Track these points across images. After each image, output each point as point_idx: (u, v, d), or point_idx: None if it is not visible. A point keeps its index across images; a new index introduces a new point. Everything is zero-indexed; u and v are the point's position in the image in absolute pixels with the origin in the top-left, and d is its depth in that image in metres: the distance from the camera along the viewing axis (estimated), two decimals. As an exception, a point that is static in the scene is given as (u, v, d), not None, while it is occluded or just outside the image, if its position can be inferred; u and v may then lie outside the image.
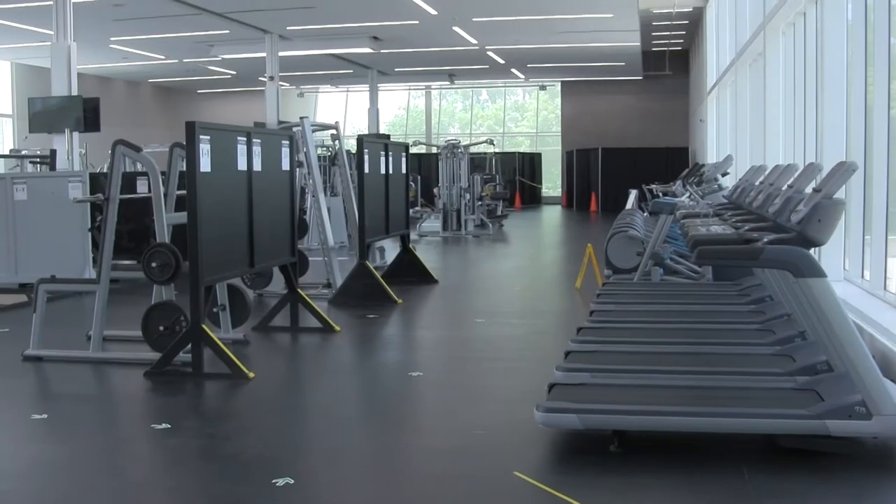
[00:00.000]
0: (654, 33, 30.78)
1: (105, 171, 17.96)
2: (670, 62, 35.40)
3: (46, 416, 7.14)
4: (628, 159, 36.30)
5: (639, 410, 5.77)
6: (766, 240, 5.90)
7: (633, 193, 19.88)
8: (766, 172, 9.00)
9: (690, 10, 27.77)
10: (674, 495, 5.20)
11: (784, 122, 13.86)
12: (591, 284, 13.00)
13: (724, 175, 16.16)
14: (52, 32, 17.61)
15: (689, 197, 14.35)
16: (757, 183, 9.05)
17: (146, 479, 5.85)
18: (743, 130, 18.63)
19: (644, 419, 5.76)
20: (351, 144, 19.30)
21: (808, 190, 6.39)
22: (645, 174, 29.28)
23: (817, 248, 7.34)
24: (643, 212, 17.60)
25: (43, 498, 5.38)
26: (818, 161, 9.45)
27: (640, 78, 38.57)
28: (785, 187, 7.30)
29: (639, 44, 30.30)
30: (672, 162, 33.90)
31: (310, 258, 13.99)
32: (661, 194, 17.93)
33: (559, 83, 42.55)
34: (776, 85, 14.19)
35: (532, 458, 5.79)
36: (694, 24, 30.32)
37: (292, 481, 5.39)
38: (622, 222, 14.27)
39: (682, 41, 34.39)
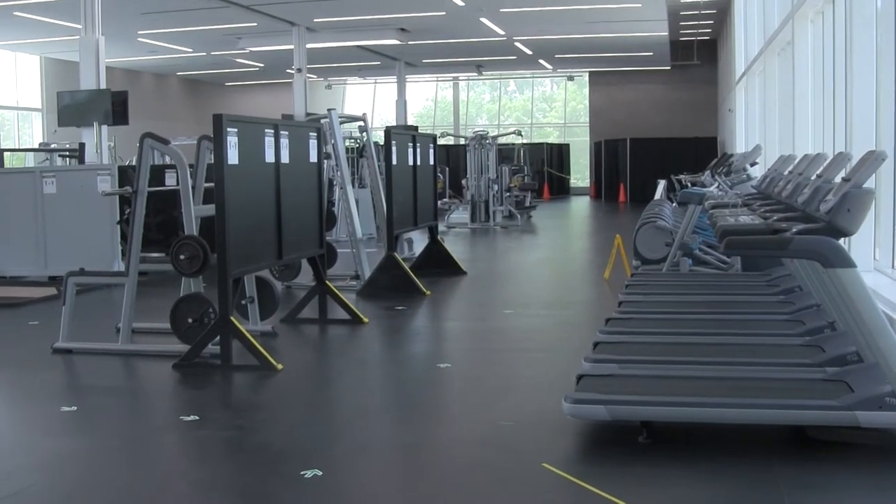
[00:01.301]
0: (682, 23, 30.64)
1: (133, 164, 18.04)
2: (698, 52, 35.27)
3: (76, 408, 7.18)
4: (657, 149, 36.17)
5: (667, 401, 5.75)
6: (795, 230, 5.87)
7: (662, 184, 19.84)
8: (795, 162, 8.95)
9: (718, -2, 27.67)
10: (702, 486, 5.18)
11: (813, 112, 13.79)
12: (619, 275, 12.96)
13: (752, 165, 16.08)
14: (80, 26, 17.68)
15: (717, 187, 14.29)
16: (786, 173, 8.99)
17: (174, 471, 5.87)
18: (772, 120, 18.55)
19: (672, 410, 5.74)
20: (379, 136, 19.25)
21: (838, 179, 6.35)
22: (673, 164, 29.17)
23: (847, 238, 7.30)
24: (672, 202, 17.54)
25: (71, 490, 5.40)
26: (847, 150, 9.39)
27: (669, 68, 38.49)
28: (814, 177, 7.26)
29: (667, 33, 30.22)
30: (700, 152, 33.72)
31: (338, 250, 14.00)
32: (689, 184, 17.87)
33: (587, 74, 42.49)
34: (805, 74, 14.12)
35: (560, 449, 5.78)
36: (722, 13, 30.17)
37: (321, 473, 5.40)
38: (651, 213, 14.23)
39: (710, 30, 34.24)
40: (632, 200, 35.54)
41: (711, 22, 32.02)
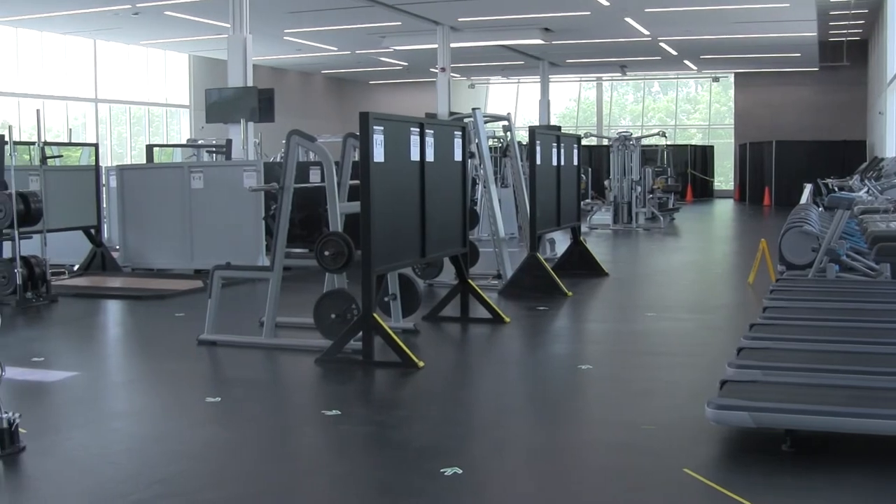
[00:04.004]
0: (831, 23, 30.05)
1: (279, 160, 18.31)
2: (848, 52, 34.57)
3: (220, 399, 7.31)
4: (803, 153, 35.53)
5: (812, 410, 5.63)
6: (949, 237, 5.73)
7: (808, 188, 19.49)
8: (950, 167, 8.73)
9: (870, -2, 27.07)
10: (847, 499, 5.08)
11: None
12: (764, 280, 12.77)
13: (904, 170, 15.73)
14: (228, 25, 18.03)
15: (867, 192, 14.02)
16: (940, 178, 8.78)
17: (315, 465, 5.95)
18: (925, 124, 18.12)
19: (817, 419, 5.61)
20: (522, 136, 19.26)
21: None
22: (820, 168, 28.67)
23: None
24: (818, 207, 17.23)
25: (215, 479, 5.51)
26: None
27: (817, 69, 37.79)
28: (970, 183, 7.07)
29: (815, 34, 29.66)
30: (848, 155, 33.07)
31: (480, 249, 14.02)
32: (837, 189, 17.55)
33: (732, 75, 41.98)
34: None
35: (702, 454, 5.72)
36: (874, 12, 29.52)
37: (460, 471, 5.41)
38: (797, 217, 13.97)
39: (860, 31, 33.51)
40: (777, 204, 34.99)
41: (862, 22, 31.32)
